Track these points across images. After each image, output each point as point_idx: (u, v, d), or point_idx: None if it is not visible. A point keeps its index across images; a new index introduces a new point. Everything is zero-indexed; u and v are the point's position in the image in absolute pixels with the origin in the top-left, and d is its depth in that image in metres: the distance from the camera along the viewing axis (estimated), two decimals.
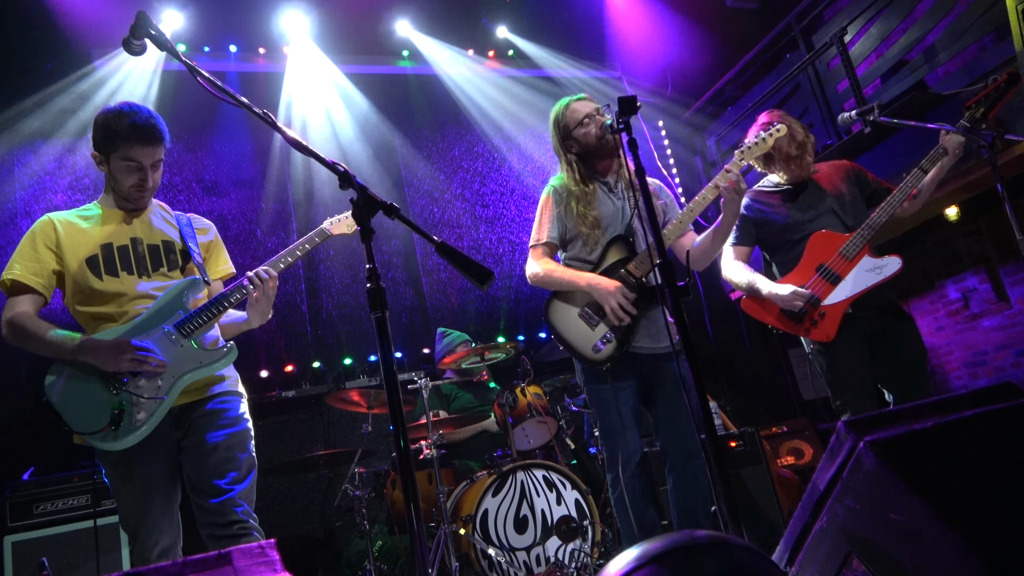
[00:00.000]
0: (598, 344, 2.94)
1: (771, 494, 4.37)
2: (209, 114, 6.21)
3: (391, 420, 1.66)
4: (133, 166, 2.48)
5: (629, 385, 2.95)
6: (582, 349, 2.98)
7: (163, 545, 2.40)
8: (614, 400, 2.93)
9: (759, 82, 6.77)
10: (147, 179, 2.52)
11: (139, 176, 2.50)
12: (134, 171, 2.49)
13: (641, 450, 2.93)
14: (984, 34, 4.80)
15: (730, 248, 3.49)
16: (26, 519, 3.88)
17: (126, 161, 2.47)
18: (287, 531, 5.42)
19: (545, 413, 4.54)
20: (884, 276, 3.14)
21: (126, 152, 2.45)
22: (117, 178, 2.51)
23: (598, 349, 2.94)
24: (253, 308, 2.60)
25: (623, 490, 2.89)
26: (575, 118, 3.11)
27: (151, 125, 2.46)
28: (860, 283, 3.15)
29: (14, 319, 2.40)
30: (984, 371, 6.22)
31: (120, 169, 2.49)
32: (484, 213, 7.22)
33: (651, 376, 3.01)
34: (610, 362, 2.93)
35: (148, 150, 2.47)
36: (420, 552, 1.58)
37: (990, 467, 1.29)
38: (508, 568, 3.82)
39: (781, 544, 1.37)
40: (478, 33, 7.21)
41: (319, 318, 6.31)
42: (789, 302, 3.19)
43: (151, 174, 2.52)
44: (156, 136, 2.48)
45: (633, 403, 2.95)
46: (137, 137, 2.44)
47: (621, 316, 2.85)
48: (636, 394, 2.97)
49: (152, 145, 2.47)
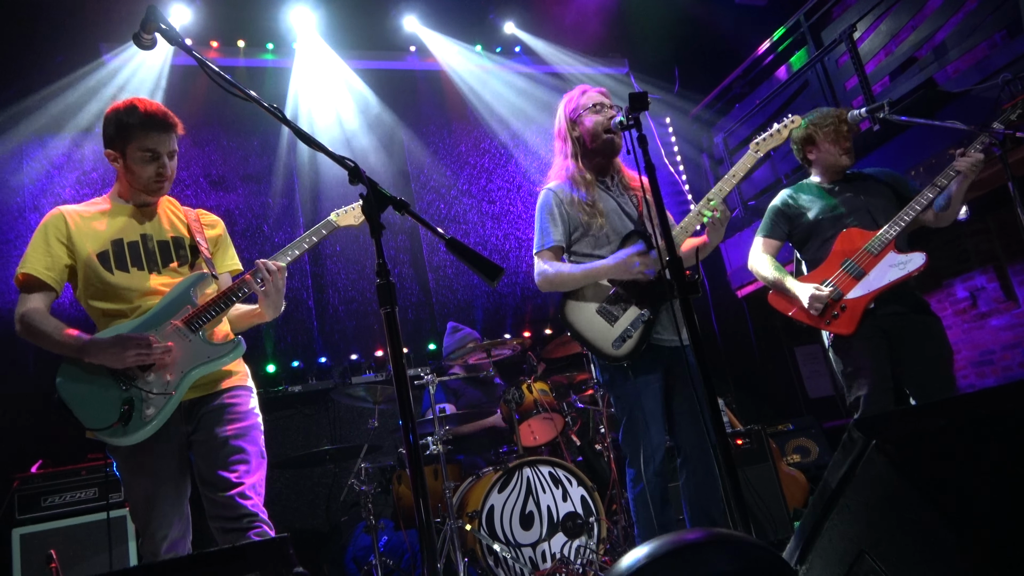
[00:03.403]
0: (618, 341, 2.88)
1: (777, 492, 4.37)
2: (216, 109, 6.21)
3: (400, 415, 1.66)
4: (150, 156, 2.49)
5: (654, 379, 2.89)
6: (602, 347, 2.91)
7: (172, 538, 2.41)
8: (638, 395, 2.86)
9: (767, 79, 6.75)
10: (165, 168, 2.53)
11: (157, 166, 2.51)
12: (151, 161, 2.50)
13: (664, 446, 2.86)
14: (995, 31, 4.77)
15: (760, 239, 3.52)
16: (34, 511, 3.89)
17: (143, 152, 2.48)
18: (293, 526, 5.43)
19: (551, 409, 4.54)
20: (908, 271, 3.15)
21: (143, 142, 2.46)
22: (135, 171, 2.51)
23: (618, 346, 2.88)
24: (264, 301, 2.60)
25: (645, 487, 2.82)
26: (586, 103, 3.07)
27: (164, 113, 2.50)
28: (883, 278, 3.16)
29: (26, 315, 2.41)
30: (991, 370, 6.20)
31: (137, 161, 2.49)
32: (491, 209, 7.21)
33: (673, 369, 2.94)
34: (630, 359, 2.87)
35: (164, 137, 2.49)
36: (429, 547, 1.58)
37: (1002, 467, 1.28)
38: (513, 564, 3.82)
39: (791, 542, 1.37)
40: (485, 28, 7.20)
41: (326, 313, 6.32)
42: (810, 305, 3.23)
43: (168, 163, 2.53)
44: (170, 123, 2.50)
45: (658, 397, 2.88)
46: (152, 125, 2.46)
47: (654, 265, 2.81)
48: (660, 389, 2.90)
49: (167, 132, 2.50)
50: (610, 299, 2.94)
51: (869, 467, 1.23)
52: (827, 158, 3.43)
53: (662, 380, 2.91)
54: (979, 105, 4.53)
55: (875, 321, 3.18)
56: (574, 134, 3.09)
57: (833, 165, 3.45)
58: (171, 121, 2.51)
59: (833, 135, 3.39)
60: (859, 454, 1.24)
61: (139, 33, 2.11)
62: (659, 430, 2.86)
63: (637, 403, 2.87)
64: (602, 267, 2.90)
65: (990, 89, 4.35)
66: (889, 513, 1.23)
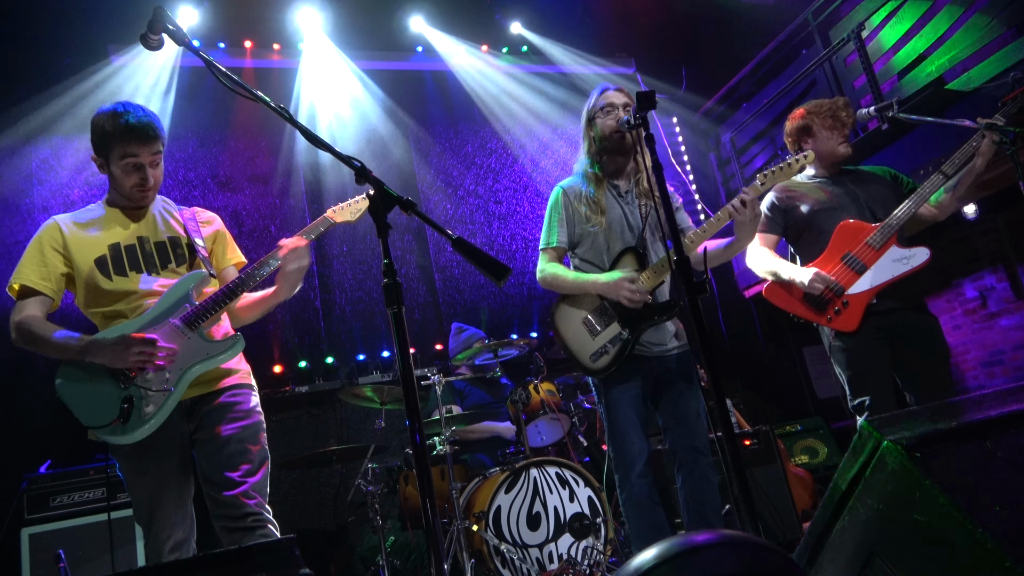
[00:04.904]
0: (595, 354, 2.97)
1: (785, 493, 4.35)
2: (223, 110, 6.23)
3: (407, 416, 1.65)
4: (131, 165, 2.47)
5: (633, 388, 2.97)
6: (580, 357, 3.02)
7: (176, 539, 2.41)
8: (617, 403, 2.96)
9: (775, 78, 6.72)
10: (147, 177, 2.51)
11: (139, 176, 2.49)
12: (133, 170, 2.48)
13: (647, 450, 2.95)
14: (1004, 30, 4.73)
15: (756, 235, 3.45)
16: (43, 511, 3.91)
17: (124, 160, 2.46)
18: (299, 526, 5.44)
19: (558, 410, 4.53)
20: (911, 267, 3.08)
21: (123, 151, 2.45)
22: (118, 179, 2.51)
23: (595, 359, 2.97)
24: (284, 279, 2.59)
25: (630, 490, 2.92)
26: (601, 103, 3.12)
27: (145, 122, 2.45)
28: (886, 273, 3.09)
29: (21, 322, 2.41)
30: (1001, 370, 6.17)
31: (119, 169, 2.48)
32: (497, 209, 7.21)
33: (659, 377, 3.02)
34: (603, 373, 2.96)
35: (144, 147, 2.46)
36: (436, 548, 1.57)
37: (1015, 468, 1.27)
38: (520, 565, 3.82)
39: (801, 543, 1.36)
40: (492, 28, 7.20)
41: (332, 314, 6.32)
42: (811, 285, 3.13)
43: (151, 171, 2.51)
44: (151, 133, 2.46)
45: (637, 405, 2.96)
46: (132, 135, 2.43)
47: (641, 299, 2.87)
48: (640, 396, 2.98)
49: (148, 142, 2.46)
50: (596, 311, 3.02)
51: (880, 469, 1.22)
52: (824, 146, 3.32)
53: (641, 389, 2.98)
54: (988, 104, 4.49)
55: (876, 320, 3.10)
56: (591, 134, 3.17)
57: (831, 154, 3.33)
58: (152, 132, 2.46)
59: (831, 122, 3.30)
60: (869, 455, 1.23)
61: (146, 34, 2.11)
62: (639, 436, 2.94)
63: (615, 411, 2.97)
64: (594, 283, 2.98)
65: (999, 88, 4.32)
66: (900, 515, 1.22)
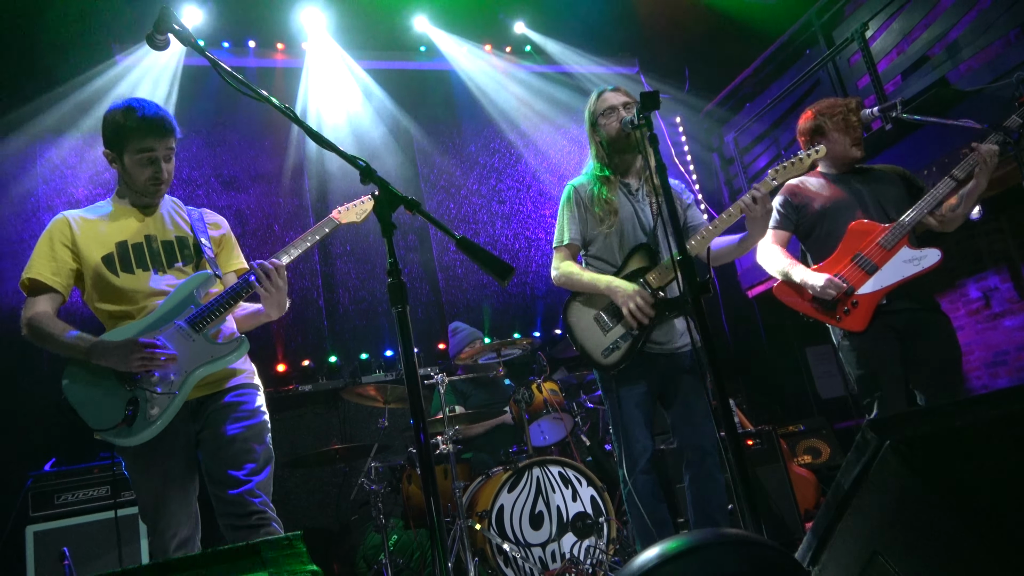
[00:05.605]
0: (607, 350, 2.98)
1: (788, 493, 4.35)
2: (227, 109, 6.24)
3: (411, 415, 1.66)
4: (146, 158, 2.50)
5: (640, 386, 2.98)
6: (592, 353, 3.03)
7: (181, 537, 2.43)
8: (623, 400, 2.97)
9: (778, 78, 6.71)
10: (161, 171, 2.53)
11: (153, 169, 2.52)
12: (148, 164, 2.51)
13: (651, 448, 2.96)
14: (1009, 29, 4.73)
15: (769, 231, 3.41)
16: (48, 509, 3.92)
17: (139, 154, 2.49)
18: (303, 525, 5.45)
19: (561, 410, 4.53)
20: (922, 268, 3.06)
21: (139, 145, 2.47)
22: (132, 173, 2.53)
23: (607, 355, 2.98)
24: (267, 300, 2.58)
25: (633, 487, 2.94)
26: (601, 107, 3.14)
27: (160, 116, 2.49)
28: (896, 274, 3.08)
29: (33, 319, 2.43)
30: (1005, 371, 6.15)
31: (134, 163, 2.50)
32: (500, 209, 7.21)
33: (669, 375, 3.03)
34: (615, 368, 2.97)
35: (160, 141, 2.49)
36: (440, 547, 1.58)
37: (1017, 469, 1.27)
38: (523, 564, 3.82)
39: (804, 543, 1.36)
40: (496, 28, 7.20)
41: (336, 313, 6.33)
42: (823, 291, 3.12)
43: (164, 165, 2.54)
44: (167, 126, 2.50)
45: (644, 404, 2.98)
46: (148, 129, 2.46)
47: (640, 319, 2.87)
48: (648, 395, 2.99)
49: (163, 135, 2.49)
50: (608, 308, 3.03)
51: (883, 468, 1.22)
52: (837, 148, 3.31)
53: (648, 387, 2.99)
54: (993, 104, 4.48)
55: (886, 319, 3.10)
56: (596, 138, 3.19)
57: (843, 156, 3.33)
58: (168, 125, 2.50)
59: (843, 124, 3.29)
60: (873, 455, 1.23)
61: (152, 34, 2.13)
62: (644, 434, 2.95)
63: (621, 409, 2.98)
64: (604, 285, 2.99)
65: (1004, 88, 4.31)
66: (903, 515, 1.22)
